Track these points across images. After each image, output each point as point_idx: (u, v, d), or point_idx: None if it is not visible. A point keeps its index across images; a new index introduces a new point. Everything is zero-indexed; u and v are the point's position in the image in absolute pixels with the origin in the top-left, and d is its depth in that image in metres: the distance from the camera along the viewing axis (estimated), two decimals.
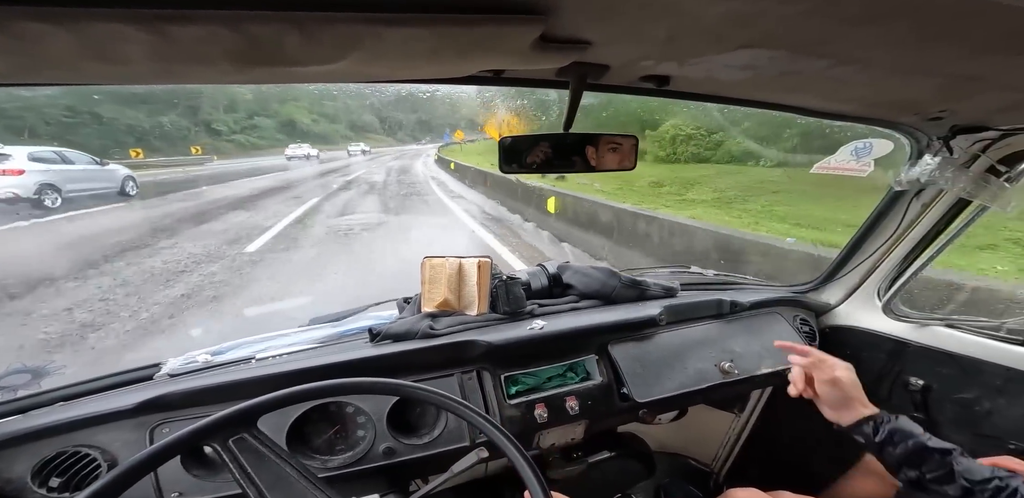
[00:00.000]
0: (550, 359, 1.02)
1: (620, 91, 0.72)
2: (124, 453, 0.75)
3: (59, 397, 0.84)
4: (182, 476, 0.75)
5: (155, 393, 0.77)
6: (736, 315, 1.23)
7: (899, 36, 0.42)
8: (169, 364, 0.91)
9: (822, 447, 1.39)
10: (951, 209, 1.05)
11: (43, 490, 0.71)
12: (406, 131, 62.76)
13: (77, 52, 0.38)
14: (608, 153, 0.87)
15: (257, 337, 1.02)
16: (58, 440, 0.74)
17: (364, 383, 0.68)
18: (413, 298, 1.14)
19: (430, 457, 0.87)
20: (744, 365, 1.12)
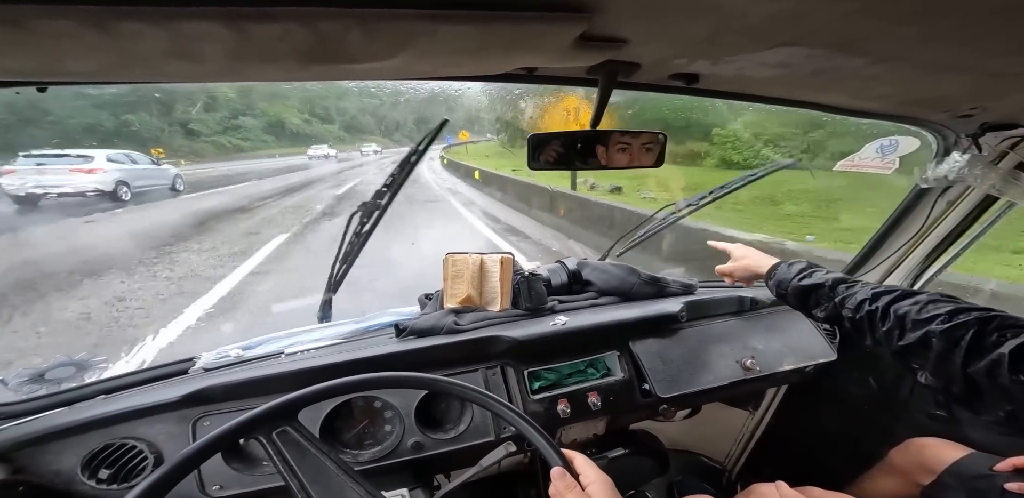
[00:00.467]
0: (572, 355, 1.03)
1: (648, 89, 0.73)
2: (168, 445, 0.77)
3: (101, 390, 0.87)
4: (223, 469, 0.77)
5: (196, 387, 0.79)
6: (756, 312, 1.23)
7: (943, 33, 0.42)
8: (203, 359, 0.93)
9: (840, 445, 1.39)
10: (977, 207, 1.04)
11: (92, 481, 0.73)
12: (403, 132, 59.25)
13: (164, 50, 0.40)
14: (636, 150, 0.88)
15: (284, 332, 1.04)
16: (104, 432, 0.76)
17: (400, 377, 0.69)
18: (435, 294, 1.16)
19: (456, 452, 0.88)
20: (766, 361, 1.12)
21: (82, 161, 7.87)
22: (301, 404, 0.63)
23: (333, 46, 0.41)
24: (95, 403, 0.82)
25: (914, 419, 1.22)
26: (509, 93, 13.47)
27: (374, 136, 50.50)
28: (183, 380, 0.89)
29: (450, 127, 19.25)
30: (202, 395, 0.79)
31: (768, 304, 1.23)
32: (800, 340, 1.21)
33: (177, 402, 0.78)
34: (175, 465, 0.54)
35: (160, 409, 0.78)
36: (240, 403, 0.80)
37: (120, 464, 0.74)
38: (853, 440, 1.34)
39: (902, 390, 1.25)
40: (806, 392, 1.44)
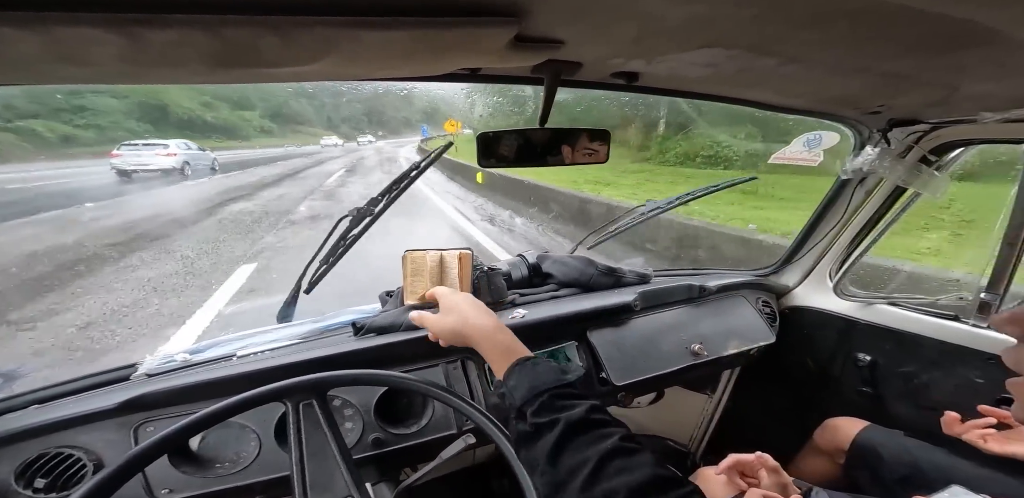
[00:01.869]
0: (532, 346, 1.03)
1: (593, 86, 0.76)
2: (108, 453, 0.74)
3: (33, 400, 0.82)
4: (171, 473, 0.75)
5: (135, 393, 0.76)
6: (704, 299, 1.30)
7: (836, 37, 0.47)
8: (146, 364, 0.89)
9: (783, 424, 1.49)
10: (890, 196, 1.15)
11: (28, 491, 0.70)
12: (351, 124, 49.66)
13: (43, 55, 0.37)
14: (583, 147, 0.91)
15: (236, 335, 1.01)
16: (38, 442, 0.72)
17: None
18: (395, 291, 1.15)
19: (419, 446, 0.89)
20: (713, 347, 1.19)
21: (162, 148, 11.95)
22: (335, 384, 0.70)
23: (246, 52, 0.40)
24: (26, 413, 0.78)
25: (846, 396, 1.33)
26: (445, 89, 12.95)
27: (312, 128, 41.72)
28: (123, 387, 0.85)
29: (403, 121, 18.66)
30: (141, 401, 0.76)
31: (715, 290, 1.31)
32: (743, 324, 1.29)
33: (114, 409, 0.75)
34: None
35: (97, 417, 0.75)
36: (185, 407, 0.78)
37: (57, 473, 0.71)
38: (796, 418, 1.45)
39: (834, 369, 1.36)
40: (755, 374, 1.53)
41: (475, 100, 14.46)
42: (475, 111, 14.34)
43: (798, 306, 1.44)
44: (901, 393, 1.21)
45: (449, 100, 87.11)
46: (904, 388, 1.20)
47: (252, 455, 0.79)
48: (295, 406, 0.67)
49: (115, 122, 23.17)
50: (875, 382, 1.26)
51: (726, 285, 1.35)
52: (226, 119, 29.78)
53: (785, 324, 1.41)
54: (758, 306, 1.36)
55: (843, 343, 1.33)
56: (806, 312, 1.42)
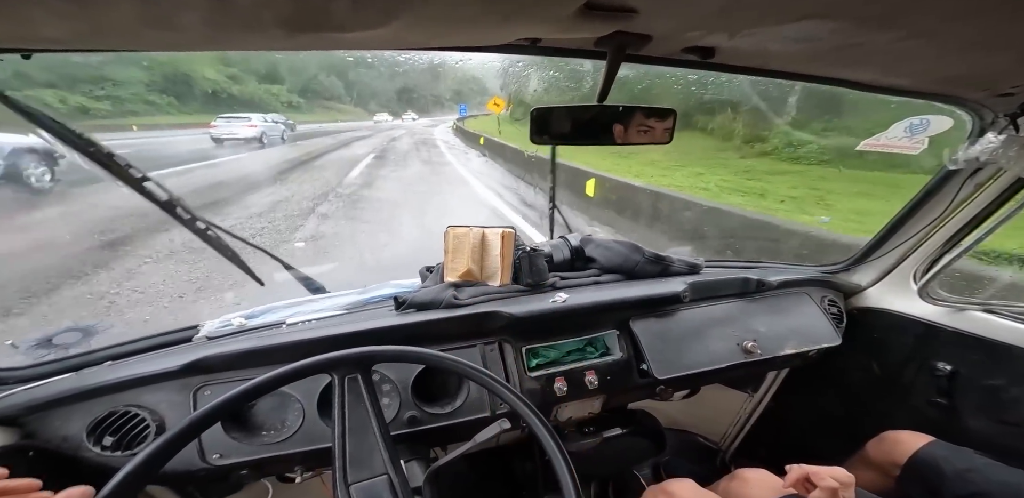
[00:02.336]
0: (571, 333, 1.04)
1: (659, 63, 0.68)
2: (170, 414, 0.79)
3: (107, 356, 0.88)
4: (222, 438, 0.79)
5: (197, 355, 0.80)
6: (761, 294, 1.21)
7: (986, 6, 0.37)
8: (206, 327, 0.95)
9: (833, 431, 1.40)
10: (1007, 190, 0.99)
11: (97, 448, 0.75)
12: (380, 101, 46.83)
13: (138, 18, 0.38)
14: (644, 126, 0.84)
15: (286, 302, 1.06)
16: (109, 400, 0.78)
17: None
18: (435, 267, 1.16)
19: (452, 426, 0.90)
20: (767, 345, 1.11)
21: (247, 120, 13.91)
22: (381, 359, 0.71)
23: (318, 14, 0.39)
24: (101, 370, 0.84)
25: (913, 406, 1.22)
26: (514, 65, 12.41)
27: (341, 104, 40.46)
28: (186, 348, 0.91)
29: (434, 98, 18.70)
30: (203, 364, 0.80)
31: (775, 286, 1.21)
32: (805, 324, 1.19)
33: (179, 371, 0.79)
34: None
35: (162, 377, 0.80)
36: (241, 373, 0.82)
37: (124, 432, 0.76)
38: (848, 425, 1.36)
39: (904, 377, 1.24)
40: (807, 376, 1.44)
41: (529, 74, 13.51)
42: (529, 86, 13.50)
43: (870, 307, 1.31)
44: (980, 407, 1.10)
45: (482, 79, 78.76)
46: (986, 402, 1.09)
47: (296, 425, 0.82)
48: (341, 379, 0.68)
49: (136, 94, 20.70)
50: (951, 393, 1.15)
51: (788, 280, 1.24)
52: (252, 93, 28.63)
53: (853, 326, 1.29)
54: (823, 305, 1.25)
55: (920, 350, 1.21)
56: (879, 314, 1.29)
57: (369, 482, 0.62)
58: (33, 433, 0.76)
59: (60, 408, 0.76)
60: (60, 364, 0.87)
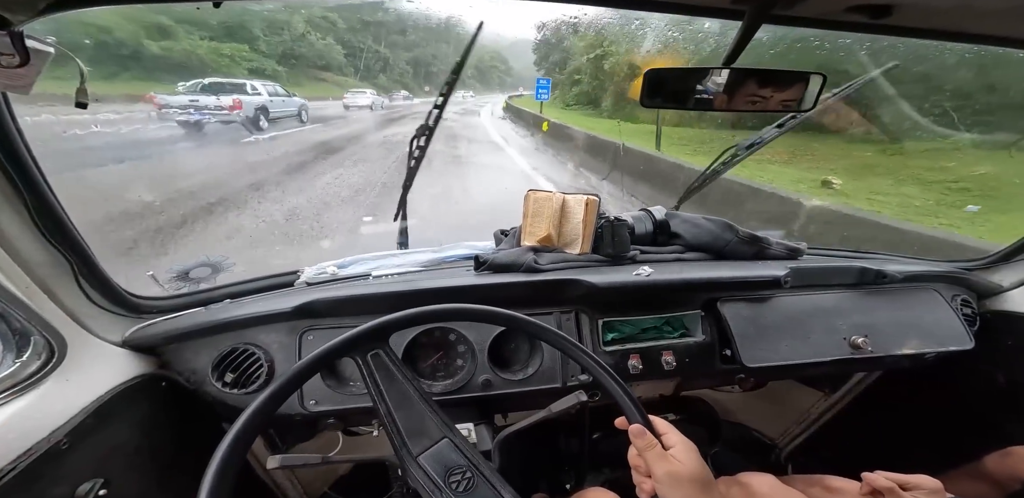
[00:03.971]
0: (651, 309, 0.97)
1: (811, 25, 0.57)
2: (279, 355, 0.82)
3: (227, 294, 0.93)
4: (319, 385, 0.82)
5: (305, 299, 0.83)
6: (880, 286, 1.06)
7: None
8: (306, 273, 1.00)
9: (926, 441, 1.25)
10: None
11: (219, 384, 0.80)
12: (393, 76, 37.42)
13: None
14: (781, 92, 0.74)
15: (371, 255, 1.09)
16: (231, 336, 0.82)
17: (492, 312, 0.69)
18: (511, 231, 1.13)
19: (522, 394, 0.88)
20: (881, 342, 0.98)
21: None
22: (392, 328, 0.66)
23: None
24: (224, 306, 0.89)
25: None
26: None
27: (342, 76, 29.01)
28: (291, 292, 0.95)
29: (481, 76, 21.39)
30: (309, 308, 0.82)
31: (899, 278, 1.06)
32: (931, 322, 1.04)
33: (289, 313, 0.82)
34: (287, 379, 0.58)
35: (275, 318, 0.83)
36: (338, 320, 0.84)
37: (242, 369, 0.80)
38: (949, 438, 1.20)
39: None
40: (907, 381, 1.28)
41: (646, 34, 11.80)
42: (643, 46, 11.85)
43: (1010, 311, 1.13)
44: None
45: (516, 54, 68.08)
46: None
47: None
48: (363, 359, 0.64)
49: None
50: None
51: (915, 274, 1.09)
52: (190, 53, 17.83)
53: (985, 330, 1.12)
54: (955, 304, 1.09)
55: None
56: (1019, 320, 1.11)
57: (434, 449, 0.62)
58: (168, 363, 0.81)
59: (192, 341, 0.81)
60: (192, 298, 0.92)
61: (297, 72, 25.39)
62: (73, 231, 0.69)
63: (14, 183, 0.59)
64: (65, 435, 0.61)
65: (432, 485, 0.60)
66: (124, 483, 0.70)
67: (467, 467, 0.62)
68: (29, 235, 0.63)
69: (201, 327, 0.81)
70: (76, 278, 0.71)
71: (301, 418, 0.82)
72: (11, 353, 0.63)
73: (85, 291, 0.72)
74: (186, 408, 0.80)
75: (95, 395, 0.68)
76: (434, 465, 0.61)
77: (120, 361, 0.76)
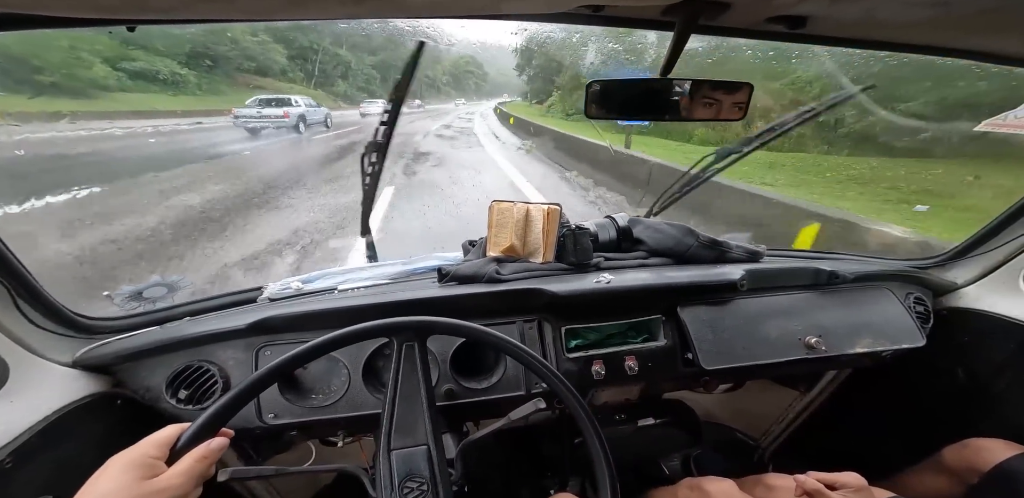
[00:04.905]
0: (614, 316, 1.00)
1: (736, 34, 0.59)
2: (235, 371, 0.84)
3: (186, 312, 0.96)
4: (278, 399, 0.84)
5: (262, 315, 0.85)
6: (834, 287, 1.09)
7: None
8: (269, 289, 1.02)
9: (893, 436, 1.31)
10: None
11: (173, 400, 0.81)
12: (356, 82, 32.65)
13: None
14: (714, 100, 0.76)
15: (338, 269, 1.11)
16: (186, 353, 0.84)
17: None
18: (478, 241, 1.15)
19: (487, 402, 0.91)
20: (834, 342, 1.02)
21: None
22: (437, 330, 0.70)
23: None
24: (180, 324, 0.91)
25: (1003, 416, 1.10)
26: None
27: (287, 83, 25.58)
28: (251, 308, 0.97)
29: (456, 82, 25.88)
30: (265, 324, 0.84)
31: (850, 279, 1.09)
32: (881, 321, 1.08)
33: (245, 329, 0.84)
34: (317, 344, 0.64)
35: (231, 335, 0.85)
36: (297, 335, 0.86)
37: (196, 385, 0.83)
38: (914, 433, 1.25)
39: (997, 385, 1.11)
40: (875, 378, 1.33)
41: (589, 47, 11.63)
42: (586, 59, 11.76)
43: (964, 308, 1.17)
44: None
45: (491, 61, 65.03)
46: None
47: (342, 391, 0.86)
48: (399, 345, 0.68)
49: None
50: None
51: (867, 274, 1.12)
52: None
53: (939, 327, 1.16)
54: (908, 302, 1.13)
55: (1021, 357, 1.07)
56: (975, 316, 1.15)
57: (409, 450, 0.64)
58: (122, 381, 0.83)
59: (146, 359, 0.83)
60: (147, 317, 0.94)
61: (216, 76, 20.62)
62: (9, 256, 0.70)
63: None
64: (8, 454, 0.64)
65: (388, 482, 0.62)
66: None
67: (426, 481, 0.63)
68: None
69: (155, 345, 0.83)
70: (14, 302, 0.72)
71: (261, 431, 0.84)
72: None
73: (26, 314, 0.74)
74: (143, 424, 0.81)
75: (41, 415, 0.70)
76: (400, 465, 0.63)
77: (69, 381, 0.78)
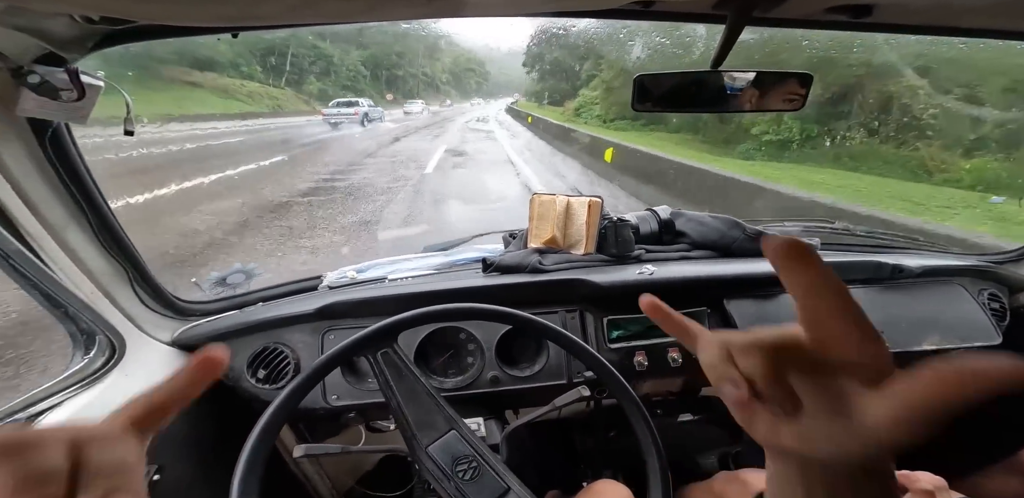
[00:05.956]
0: None
1: (792, 25, 0.58)
2: (304, 353, 0.90)
3: (260, 298, 1.02)
4: (340, 381, 0.88)
5: (326, 301, 0.90)
6: (898, 282, 1.02)
7: None
8: (328, 278, 1.08)
9: (962, 437, 1.19)
10: None
11: (253, 380, 0.87)
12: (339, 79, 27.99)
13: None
14: (770, 92, 0.75)
15: (387, 259, 1.15)
16: (263, 336, 0.90)
17: (495, 311, 0.73)
18: (519, 233, 1.18)
19: (529, 390, 0.92)
20: (898, 338, 0.95)
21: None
22: (399, 328, 0.71)
23: None
24: (257, 309, 0.97)
25: None
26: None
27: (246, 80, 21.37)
28: (315, 295, 1.03)
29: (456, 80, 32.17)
30: (329, 310, 0.90)
31: (917, 273, 1.01)
32: (952, 318, 1.00)
33: (312, 314, 0.90)
34: (307, 376, 0.65)
35: (300, 319, 0.91)
36: (356, 321, 0.91)
37: (272, 366, 0.88)
38: (986, 434, 1.13)
39: None
40: None
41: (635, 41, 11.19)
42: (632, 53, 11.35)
43: None
44: None
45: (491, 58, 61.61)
46: None
47: None
48: (374, 358, 0.69)
49: None
50: None
51: (935, 268, 1.04)
52: None
53: (1017, 325, 1.06)
54: (982, 299, 1.04)
55: None
56: None
57: (441, 440, 0.66)
58: None
59: (231, 340, 0.89)
60: (229, 301, 1.01)
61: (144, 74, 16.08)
62: (129, 244, 0.78)
63: (78, 203, 0.69)
64: None
65: (440, 474, 0.65)
66: (174, 470, 0.78)
67: (472, 457, 0.66)
68: (92, 248, 0.72)
69: (237, 328, 0.90)
70: (132, 285, 0.80)
71: (324, 412, 0.89)
72: (80, 351, 0.73)
73: (139, 296, 0.82)
74: (225, 402, 0.88)
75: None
76: (442, 455, 0.65)
77: (170, 358, 0.85)
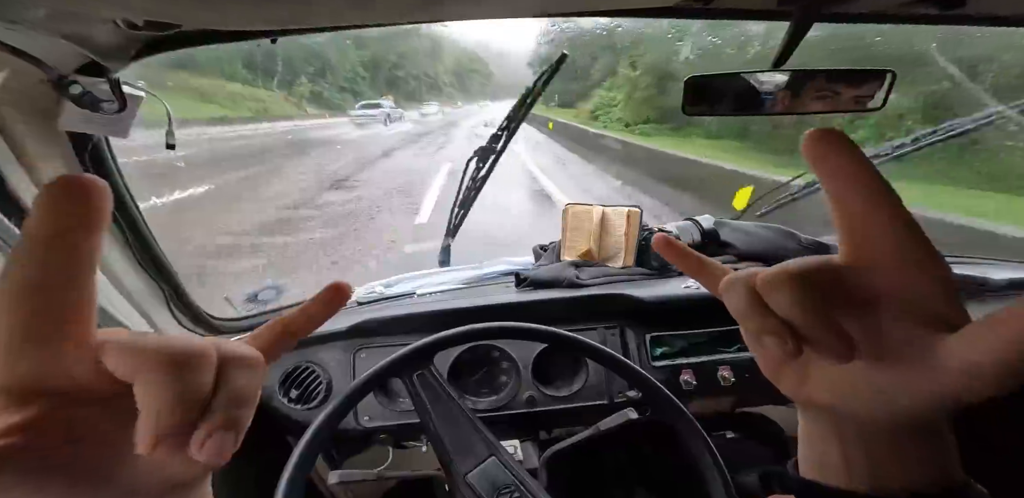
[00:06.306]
0: (703, 323, 0.92)
1: (869, 20, 0.53)
2: (337, 372, 0.86)
3: None
4: (372, 402, 0.84)
5: (358, 319, 0.87)
6: (977, 297, 0.92)
7: None
8: (356, 293, 1.05)
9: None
10: None
11: (284, 399, 0.84)
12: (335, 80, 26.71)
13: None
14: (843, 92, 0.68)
15: (414, 274, 1.12)
16: (295, 354, 0.86)
17: (537, 331, 0.70)
18: (551, 246, 1.13)
19: (567, 410, 0.87)
20: None
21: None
22: (435, 349, 0.68)
23: None
24: None
25: None
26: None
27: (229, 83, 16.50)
28: (344, 311, 0.98)
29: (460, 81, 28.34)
30: (361, 328, 0.87)
31: (1002, 285, 0.91)
32: None
33: (344, 332, 0.87)
34: (341, 401, 0.63)
35: (332, 338, 0.87)
36: (387, 339, 0.87)
37: (304, 385, 0.85)
38: None
39: None
40: (1010, 403, 1.10)
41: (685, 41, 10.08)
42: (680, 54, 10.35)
43: None
44: None
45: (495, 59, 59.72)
46: None
47: None
48: (410, 380, 0.67)
49: None
50: None
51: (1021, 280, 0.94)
52: None
53: None
54: None
55: None
56: None
57: (481, 467, 0.63)
58: None
59: None
60: (260, 318, 0.99)
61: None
62: (166, 262, 0.77)
63: (118, 222, 0.67)
64: None
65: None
66: None
67: (515, 486, 0.61)
68: (131, 269, 0.72)
69: None
70: (168, 304, 0.79)
71: (356, 433, 0.86)
72: None
73: (175, 315, 0.81)
74: (255, 421, 0.84)
75: None
76: (483, 483, 0.62)
77: None
